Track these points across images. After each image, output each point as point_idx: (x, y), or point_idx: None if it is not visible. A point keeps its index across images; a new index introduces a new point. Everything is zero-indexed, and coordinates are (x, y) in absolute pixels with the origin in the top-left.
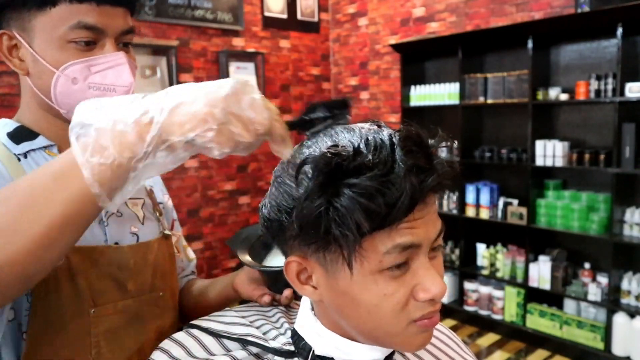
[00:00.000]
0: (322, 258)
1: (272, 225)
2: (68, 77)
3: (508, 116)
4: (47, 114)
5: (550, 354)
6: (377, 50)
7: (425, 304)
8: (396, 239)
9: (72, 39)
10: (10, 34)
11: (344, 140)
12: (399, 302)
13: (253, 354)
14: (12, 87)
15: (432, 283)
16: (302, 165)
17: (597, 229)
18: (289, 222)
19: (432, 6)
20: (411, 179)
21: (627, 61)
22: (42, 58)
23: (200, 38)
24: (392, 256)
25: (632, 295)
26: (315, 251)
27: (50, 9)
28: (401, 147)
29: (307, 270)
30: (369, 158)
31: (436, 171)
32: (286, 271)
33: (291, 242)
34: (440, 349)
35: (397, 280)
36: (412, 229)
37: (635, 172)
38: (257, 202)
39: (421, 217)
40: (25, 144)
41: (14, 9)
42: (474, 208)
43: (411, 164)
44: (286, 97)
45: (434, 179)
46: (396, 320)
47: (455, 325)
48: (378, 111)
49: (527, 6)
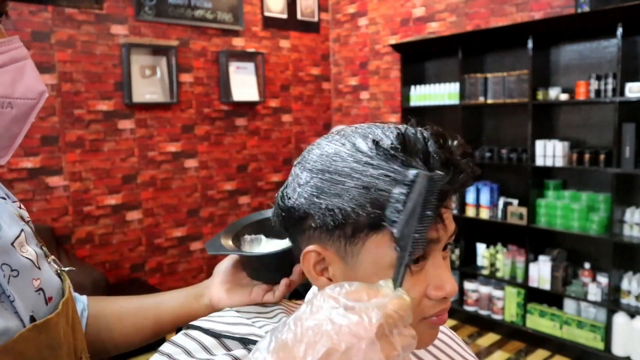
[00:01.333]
0: (342, 249)
1: (293, 215)
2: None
3: (508, 116)
4: None
5: (550, 354)
6: (377, 50)
7: (438, 302)
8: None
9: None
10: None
11: (388, 131)
12: (415, 298)
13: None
14: None
15: (447, 281)
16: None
17: (597, 229)
18: (322, 212)
19: (432, 6)
20: (445, 171)
21: (627, 61)
22: None
23: (200, 38)
24: (417, 250)
25: (632, 295)
26: (337, 242)
27: None
28: (434, 140)
29: (324, 261)
30: (413, 147)
31: (464, 169)
32: (303, 261)
33: (311, 232)
34: (440, 348)
35: (414, 276)
36: (436, 224)
37: (635, 172)
38: (257, 202)
39: (445, 212)
40: None
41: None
42: (474, 208)
43: (445, 158)
44: (286, 97)
45: (462, 178)
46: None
47: (455, 325)
48: (378, 111)
49: (527, 6)
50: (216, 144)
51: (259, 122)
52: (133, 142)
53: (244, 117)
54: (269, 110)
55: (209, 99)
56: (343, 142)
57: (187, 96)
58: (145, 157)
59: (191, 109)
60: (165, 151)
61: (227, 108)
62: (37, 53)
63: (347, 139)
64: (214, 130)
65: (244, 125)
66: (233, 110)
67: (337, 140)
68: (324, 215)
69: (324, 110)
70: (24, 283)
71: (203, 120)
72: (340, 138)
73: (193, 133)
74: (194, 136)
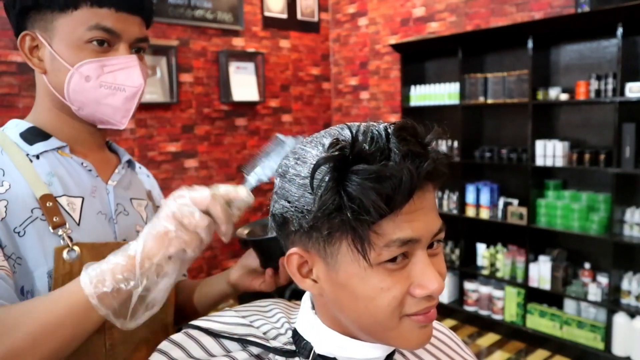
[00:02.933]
0: (322, 251)
1: (277, 220)
2: (82, 75)
3: (508, 116)
4: (60, 113)
5: (550, 354)
6: (377, 50)
7: (422, 300)
8: (396, 232)
9: (89, 39)
10: (33, 35)
11: (343, 134)
12: (395, 297)
13: (254, 355)
14: (12, 87)
15: (430, 280)
16: (316, 167)
17: (597, 229)
18: (295, 215)
19: (432, 6)
20: (407, 164)
21: (627, 61)
22: (59, 56)
23: (200, 38)
24: (391, 250)
25: (632, 295)
26: (317, 244)
27: (72, 11)
28: (396, 136)
29: (307, 263)
30: (365, 147)
31: (431, 157)
32: (288, 264)
33: (293, 236)
34: (440, 349)
35: (395, 274)
36: (412, 223)
37: (635, 172)
38: (257, 202)
39: (421, 208)
40: (39, 145)
41: (38, 11)
42: (474, 208)
43: (406, 150)
44: (286, 97)
45: (429, 164)
46: (391, 315)
47: (455, 325)
48: (378, 111)
49: (527, 6)
50: (216, 144)
51: (259, 122)
52: (133, 142)
53: (244, 117)
54: (269, 110)
55: (209, 99)
56: (303, 146)
57: (187, 96)
58: (145, 157)
59: (191, 109)
60: (165, 151)
61: (227, 108)
62: None
63: (310, 142)
64: (214, 130)
65: (244, 125)
66: (233, 110)
67: (305, 143)
68: (298, 218)
69: (324, 110)
70: (130, 222)
71: (203, 120)
72: (310, 141)
73: (193, 133)
74: (194, 136)
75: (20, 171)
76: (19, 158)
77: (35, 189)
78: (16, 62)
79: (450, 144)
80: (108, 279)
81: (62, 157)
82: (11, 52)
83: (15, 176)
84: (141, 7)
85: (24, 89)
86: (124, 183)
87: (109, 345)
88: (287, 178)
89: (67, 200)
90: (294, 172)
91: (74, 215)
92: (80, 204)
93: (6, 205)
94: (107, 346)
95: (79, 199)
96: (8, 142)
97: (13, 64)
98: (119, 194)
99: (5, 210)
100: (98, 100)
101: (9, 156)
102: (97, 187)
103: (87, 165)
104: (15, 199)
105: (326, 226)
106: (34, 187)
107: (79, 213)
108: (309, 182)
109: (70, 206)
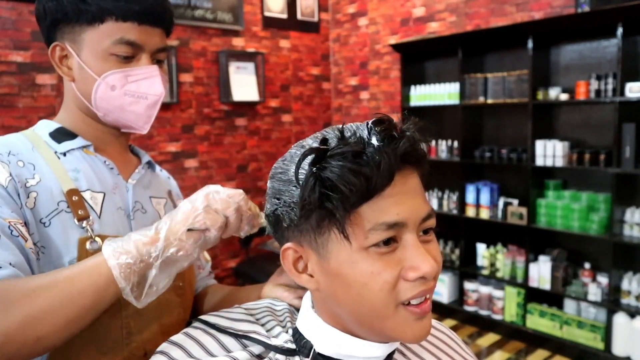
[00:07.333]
0: (314, 242)
1: (270, 220)
2: (108, 84)
3: (508, 116)
4: (86, 116)
5: (551, 354)
6: (377, 50)
7: (416, 284)
8: (381, 216)
9: (114, 52)
10: (62, 46)
11: (326, 132)
12: (387, 281)
13: (255, 355)
14: (12, 87)
15: (422, 261)
16: (301, 160)
17: (597, 229)
18: (285, 211)
19: (432, 6)
20: (385, 149)
21: (627, 61)
22: (87, 67)
23: (200, 38)
24: (378, 233)
25: (632, 295)
26: (308, 237)
27: (98, 25)
28: (374, 125)
29: (302, 258)
30: (346, 137)
31: (407, 138)
32: (283, 260)
33: (286, 232)
34: (440, 348)
35: (384, 258)
36: (397, 206)
37: (635, 172)
38: (257, 203)
39: (404, 192)
40: (66, 143)
41: (67, 24)
42: (474, 208)
43: (383, 136)
44: (286, 97)
45: (404, 143)
46: (386, 301)
47: (455, 325)
48: (378, 111)
49: (527, 6)
50: (216, 144)
51: (259, 122)
52: (133, 142)
53: (244, 117)
54: (269, 110)
55: (209, 98)
56: (290, 150)
57: (187, 96)
58: None
59: (191, 109)
60: (165, 151)
61: (227, 108)
62: (37, 53)
63: (296, 145)
64: (214, 130)
65: (244, 125)
66: (233, 110)
67: (292, 147)
68: (288, 212)
69: (324, 110)
70: (146, 219)
71: (203, 120)
72: (296, 145)
73: (193, 133)
74: (194, 136)
75: (49, 167)
76: (49, 155)
77: (62, 184)
78: (16, 62)
79: (450, 144)
80: (132, 250)
81: (87, 155)
82: (11, 52)
83: (45, 171)
84: (162, 19)
85: (24, 89)
86: (144, 182)
87: (125, 333)
88: (276, 178)
89: (90, 195)
90: (280, 171)
91: (96, 209)
92: (101, 199)
93: (36, 197)
94: (124, 334)
95: (100, 194)
96: (39, 140)
97: (13, 64)
98: (138, 192)
99: (35, 201)
100: (122, 108)
101: (40, 153)
102: (117, 185)
103: (109, 164)
104: (44, 191)
105: (314, 217)
106: (61, 181)
107: (100, 207)
108: (293, 177)
109: (93, 200)
